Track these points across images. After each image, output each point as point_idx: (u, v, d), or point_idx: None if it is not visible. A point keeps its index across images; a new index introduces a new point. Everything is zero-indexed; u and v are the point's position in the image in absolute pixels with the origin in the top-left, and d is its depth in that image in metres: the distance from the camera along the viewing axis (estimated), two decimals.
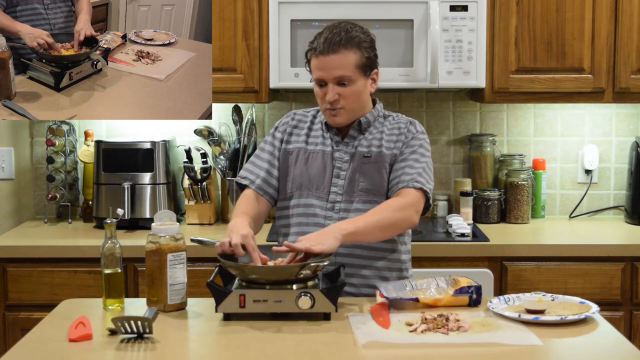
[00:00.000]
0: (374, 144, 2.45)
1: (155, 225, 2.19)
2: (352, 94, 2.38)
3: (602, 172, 3.69)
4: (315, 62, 2.37)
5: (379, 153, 2.43)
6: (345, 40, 2.34)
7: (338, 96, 2.37)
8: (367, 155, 2.43)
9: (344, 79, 2.35)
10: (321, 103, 2.42)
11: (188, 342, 2.02)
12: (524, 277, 3.08)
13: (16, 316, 3.12)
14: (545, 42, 3.29)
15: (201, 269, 2.99)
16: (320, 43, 2.35)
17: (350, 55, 2.35)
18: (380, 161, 2.42)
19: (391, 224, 2.33)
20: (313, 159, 2.46)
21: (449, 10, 3.19)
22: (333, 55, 2.34)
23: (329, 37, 2.35)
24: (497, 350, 1.88)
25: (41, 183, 3.68)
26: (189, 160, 3.49)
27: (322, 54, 2.34)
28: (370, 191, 2.41)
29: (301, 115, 2.56)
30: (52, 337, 1.99)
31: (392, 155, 2.43)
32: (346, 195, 2.42)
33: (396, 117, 2.51)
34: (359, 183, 2.41)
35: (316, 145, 2.48)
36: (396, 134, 2.46)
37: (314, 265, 2.09)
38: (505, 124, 3.69)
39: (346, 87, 2.37)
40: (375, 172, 2.42)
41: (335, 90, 2.36)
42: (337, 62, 2.34)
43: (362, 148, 2.44)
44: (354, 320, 2.08)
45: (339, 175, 2.44)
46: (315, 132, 2.51)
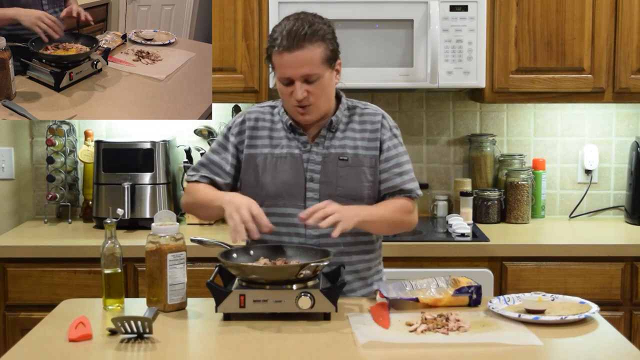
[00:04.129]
0: (348, 144, 2.34)
1: (155, 225, 2.19)
2: (321, 90, 2.25)
3: (602, 172, 3.69)
4: (279, 59, 2.22)
5: (355, 156, 2.34)
6: (310, 34, 2.20)
7: (307, 93, 2.24)
8: (343, 158, 2.33)
9: (311, 77, 2.22)
10: (287, 102, 2.29)
11: (188, 342, 2.02)
12: (524, 277, 3.08)
13: (16, 316, 3.12)
14: (545, 42, 3.29)
15: (201, 269, 2.99)
16: (282, 38, 2.20)
17: (315, 50, 2.20)
18: (358, 165, 2.33)
19: (398, 224, 2.34)
20: (282, 164, 2.33)
21: (449, 10, 3.19)
22: (298, 52, 2.19)
23: (292, 31, 2.20)
24: (497, 350, 1.88)
25: (41, 183, 3.68)
26: (189, 160, 3.49)
27: (287, 50, 2.19)
28: (350, 196, 2.31)
29: (257, 114, 2.40)
30: (52, 337, 1.99)
31: (370, 157, 2.35)
32: (324, 199, 2.25)
33: (363, 108, 2.40)
34: (337, 187, 2.31)
35: (282, 149, 2.34)
36: (369, 130, 2.36)
37: (314, 265, 2.09)
38: (505, 124, 3.69)
39: (314, 83, 2.23)
40: (353, 177, 2.33)
41: (303, 88, 2.22)
42: (303, 59, 2.20)
43: (335, 149, 2.33)
44: (354, 320, 2.08)
45: (313, 178, 2.32)
46: (278, 134, 2.36)
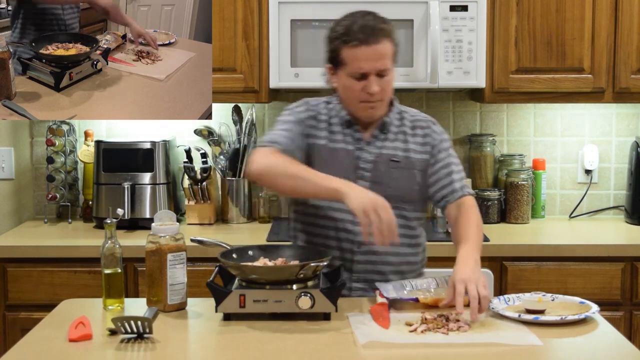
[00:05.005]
0: (399, 147, 2.36)
1: (155, 225, 2.19)
2: (390, 86, 2.28)
3: (602, 172, 3.69)
4: (353, 52, 2.22)
5: (406, 158, 2.36)
6: (386, 30, 2.23)
7: (379, 88, 2.25)
8: (395, 160, 2.35)
9: (385, 71, 2.24)
10: (355, 97, 2.28)
11: (188, 342, 2.02)
12: (524, 277, 3.08)
13: (16, 316, 3.12)
14: (545, 42, 3.29)
15: (201, 269, 2.99)
16: (357, 32, 2.21)
17: (388, 45, 2.24)
18: (409, 167, 2.36)
19: (481, 229, 2.35)
20: (335, 158, 2.33)
21: (449, 10, 3.19)
22: (376, 45, 2.21)
23: (368, 25, 2.21)
24: (497, 350, 1.88)
25: (41, 183, 3.68)
26: (189, 160, 3.49)
27: (364, 44, 2.20)
28: (400, 198, 2.32)
29: (315, 106, 2.40)
30: (52, 337, 1.99)
31: (421, 161, 2.37)
32: None
33: (412, 114, 2.43)
34: (388, 188, 2.30)
35: (338, 143, 2.35)
36: (420, 135, 2.39)
37: (313, 265, 2.09)
38: (505, 124, 3.69)
39: (385, 78, 2.25)
40: (404, 178, 2.35)
41: (377, 82, 2.24)
42: (380, 52, 2.21)
43: (387, 150, 2.35)
44: (354, 320, 2.08)
45: (363, 177, 2.33)
46: (335, 128, 2.36)
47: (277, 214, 3.66)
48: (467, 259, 2.14)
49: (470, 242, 2.22)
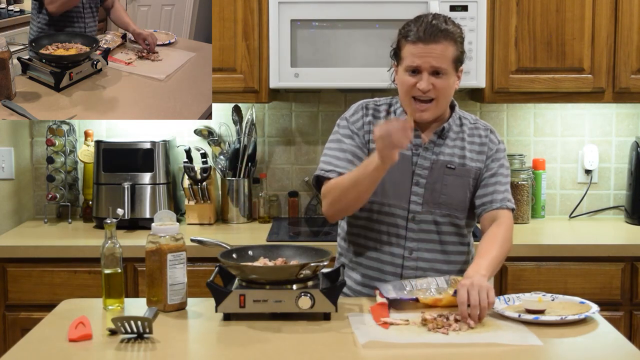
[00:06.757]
0: (457, 153, 2.36)
1: (155, 225, 2.19)
2: (445, 87, 2.27)
3: (602, 172, 3.69)
4: (411, 48, 2.26)
5: (462, 165, 2.36)
6: (448, 32, 2.25)
7: (432, 86, 2.26)
8: (450, 167, 2.35)
9: (440, 70, 2.25)
10: (408, 93, 2.29)
11: (188, 342, 2.02)
12: (524, 277, 3.08)
13: (16, 316, 3.12)
14: (545, 42, 3.29)
15: (201, 269, 2.99)
16: (419, 30, 2.25)
17: (449, 47, 2.25)
18: (464, 175, 2.35)
19: (507, 249, 2.31)
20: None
21: (449, 10, 3.19)
22: (434, 45, 2.24)
23: (431, 24, 2.25)
24: (497, 350, 1.88)
25: (41, 183, 3.68)
26: (189, 160, 3.49)
27: (422, 42, 2.24)
28: (452, 205, 2.34)
29: (373, 110, 2.41)
30: (52, 337, 1.99)
31: (476, 169, 2.37)
32: (426, 205, 2.33)
33: (472, 121, 2.43)
34: (441, 195, 2.33)
35: None
36: (477, 143, 2.39)
37: (313, 265, 2.09)
38: (505, 124, 3.69)
39: (440, 78, 2.26)
40: (458, 186, 2.35)
41: (430, 80, 2.25)
42: (436, 52, 2.24)
43: (444, 157, 2.35)
44: (354, 320, 2.08)
45: (419, 182, 2.34)
46: None
47: (277, 214, 3.66)
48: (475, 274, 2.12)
49: (485, 259, 2.20)
